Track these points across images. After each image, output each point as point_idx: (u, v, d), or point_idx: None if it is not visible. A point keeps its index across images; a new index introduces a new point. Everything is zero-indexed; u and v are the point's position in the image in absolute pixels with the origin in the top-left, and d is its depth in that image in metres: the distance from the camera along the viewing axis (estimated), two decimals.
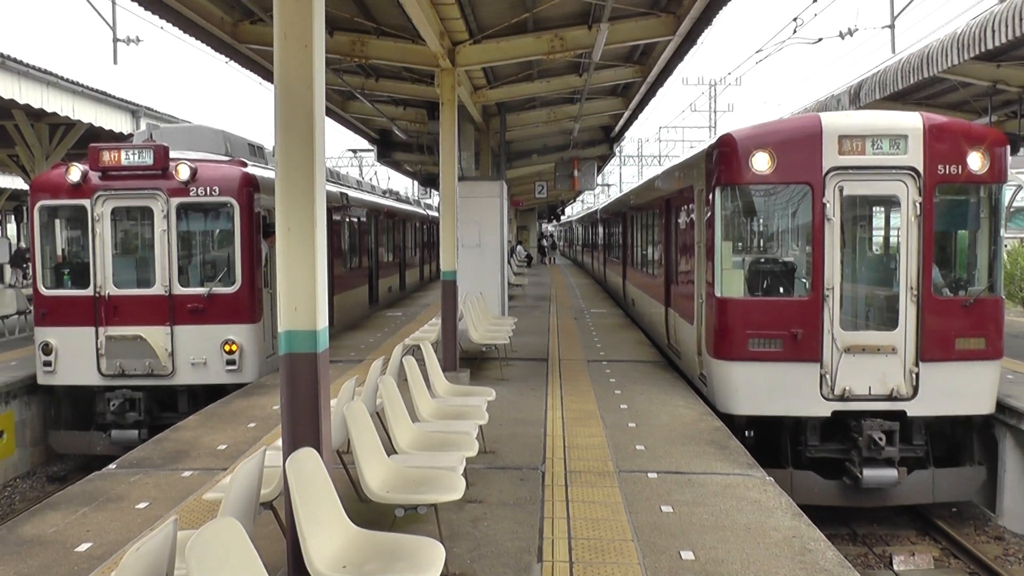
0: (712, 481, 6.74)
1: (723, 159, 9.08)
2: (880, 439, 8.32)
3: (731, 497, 6.35)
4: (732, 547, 5.39)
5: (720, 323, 9.07)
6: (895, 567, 8.22)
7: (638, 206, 17.43)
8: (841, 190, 8.67)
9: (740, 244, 9.53)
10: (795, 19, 15.27)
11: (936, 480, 8.74)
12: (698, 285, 10.06)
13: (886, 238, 10.34)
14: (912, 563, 8.25)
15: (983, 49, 10.27)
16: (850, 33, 17.40)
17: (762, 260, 9.56)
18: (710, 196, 9.32)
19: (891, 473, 8.48)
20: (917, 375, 8.60)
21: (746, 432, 8.87)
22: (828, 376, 8.65)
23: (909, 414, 8.63)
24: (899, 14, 15.97)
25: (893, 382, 8.63)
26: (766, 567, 5.09)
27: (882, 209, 10.10)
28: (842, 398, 8.64)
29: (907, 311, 8.65)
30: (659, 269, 13.82)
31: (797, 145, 8.73)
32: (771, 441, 9.02)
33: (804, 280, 9.03)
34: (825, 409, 8.68)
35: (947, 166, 8.61)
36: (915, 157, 8.60)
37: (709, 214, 9.34)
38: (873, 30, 17.25)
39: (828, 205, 8.65)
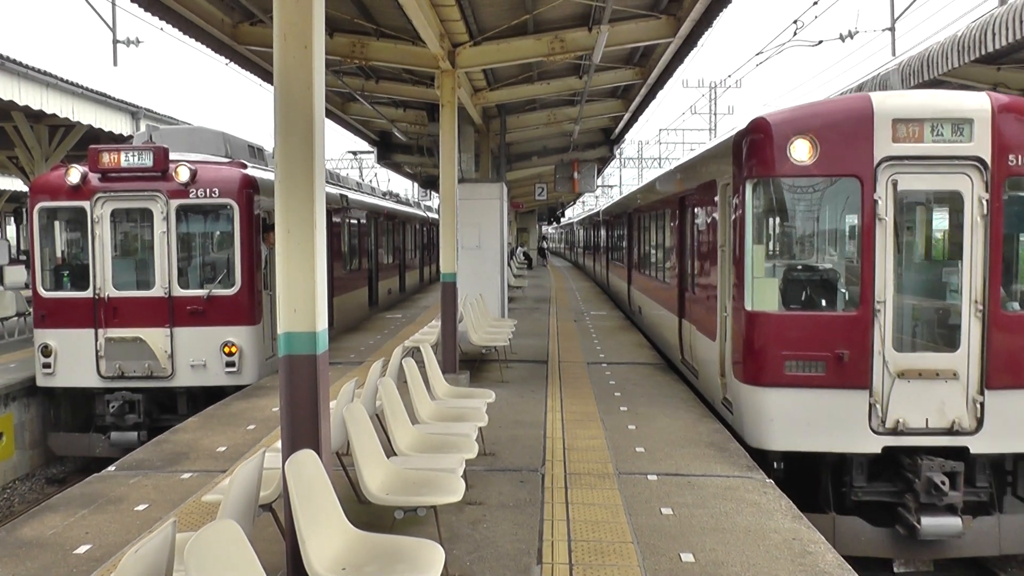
0: (712, 483, 6.73)
1: (755, 147, 7.79)
2: (942, 483, 7.04)
3: (731, 499, 6.34)
4: (732, 549, 5.38)
5: (751, 342, 7.83)
6: (895, 568, 8.20)
7: (647, 206, 15.90)
8: (895, 184, 7.41)
9: (775, 248, 8.28)
10: (795, 21, 15.29)
11: (1003, 528, 7.42)
12: (722, 295, 8.83)
13: (948, 241, 8.65)
14: (912, 565, 8.23)
15: (983, 52, 10.26)
16: (851, 36, 17.42)
17: (801, 267, 8.29)
18: (738, 191, 8.04)
19: (955, 522, 7.16)
20: (982, 405, 7.32)
21: (775, 464, 7.67)
22: (878, 406, 7.40)
23: (972, 451, 7.35)
24: (899, 16, 15.99)
25: (954, 413, 7.34)
26: (766, 569, 5.08)
27: (943, 207, 8.45)
28: (894, 432, 7.38)
29: (971, 329, 7.38)
30: (671, 275, 12.45)
31: (844, 130, 7.47)
32: (810, 480, 7.74)
33: (850, 291, 7.82)
34: (874, 444, 7.40)
35: (1020, 156, 7.37)
36: (982, 146, 7.33)
37: (737, 213, 8.06)
38: (874, 33, 17.25)
39: (879, 202, 7.40)
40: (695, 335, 10.45)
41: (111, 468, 7.44)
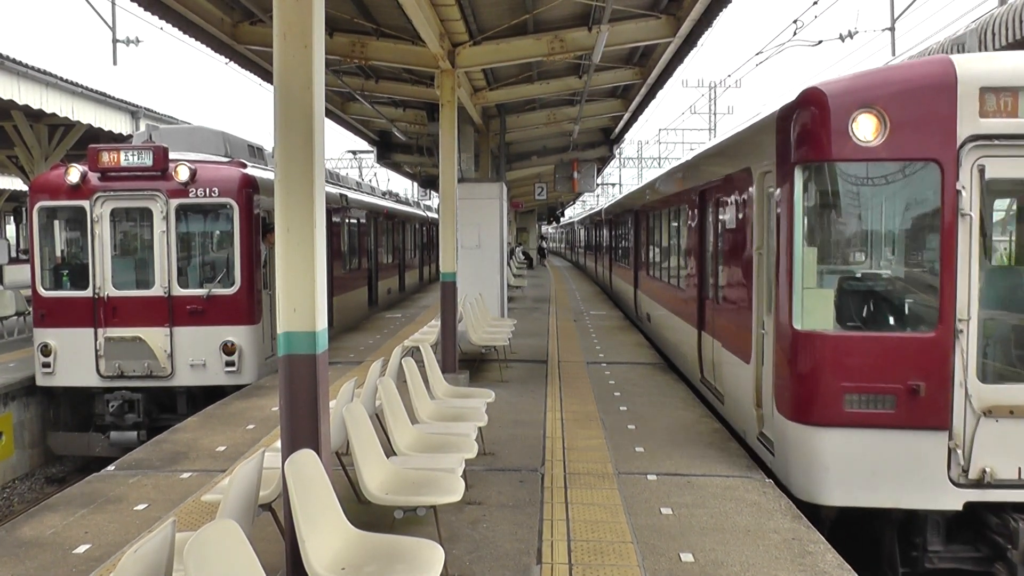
0: (712, 483, 6.73)
1: (808, 125, 6.37)
2: None
3: (731, 499, 6.34)
4: (732, 549, 5.38)
5: (801, 370, 6.40)
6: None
7: (658, 201, 14.21)
8: (981, 171, 6.03)
9: (830, 251, 6.65)
10: (795, 21, 15.31)
11: None
12: (758, 309, 7.49)
13: None
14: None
15: (984, 52, 10.24)
16: (850, 35, 17.44)
17: (862, 276, 6.70)
18: (785, 181, 6.61)
19: None
20: None
21: (827, 521, 6.36)
22: (959, 451, 6.01)
23: None
24: (899, 16, 16.00)
25: None
26: (766, 569, 5.08)
27: None
28: (979, 484, 5.99)
29: None
30: (688, 281, 10.97)
31: (918, 102, 6.10)
32: (871, 539, 6.53)
33: (925, 307, 6.38)
34: (954, 499, 6.04)
35: None
36: None
37: (784, 207, 6.62)
38: (873, 32, 17.25)
39: (963, 193, 6.02)
40: (720, 353, 8.99)
41: (110, 468, 7.43)
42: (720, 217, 9.13)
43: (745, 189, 7.96)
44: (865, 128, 6.16)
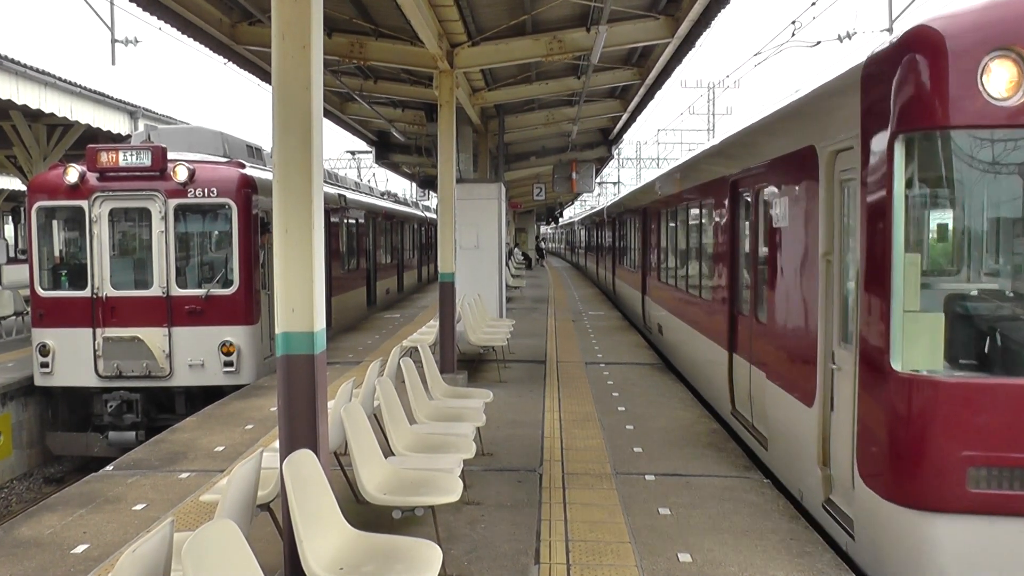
0: (710, 483, 6.74)
1: (914, 78, 4.56)
2: None
3: (729, 499, 6.35)
4: (730, 549, 5.38)
5: (902, 430, 4.63)
6: None
7: (675, 196, 12.35)
8: None
9: (944, 260, 4.91)
10: (793, 22, 15.32)
11: None
12: (825, 335, 5.76)
13: None
14: None
15: None
16: (848, 36, 17.45)
17: (990, 295, 4.89)
18: (874, 160, 4.84)
19: None
20: None
21: None
22: None
23: None
24: (898, 17, 16.01)
25: None
26: (764, 569, 5.09)
27: None
28: None
29: None
30: (715, 291, 9.29)
31: None
32: None
33: None
34: None
35: None
36: None
37: (873, 197, 4.84)
38: (872, 33, 17.27)
39: None
40: (764, 387, 7.22)
41: (109, 468, 7.43)
42: (763, 213, 7.37)
43: (804, 175, 6.19)
44: (999, 80, 4.40)
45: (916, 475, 4.57)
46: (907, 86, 4.61)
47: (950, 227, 4.81)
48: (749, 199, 7.95)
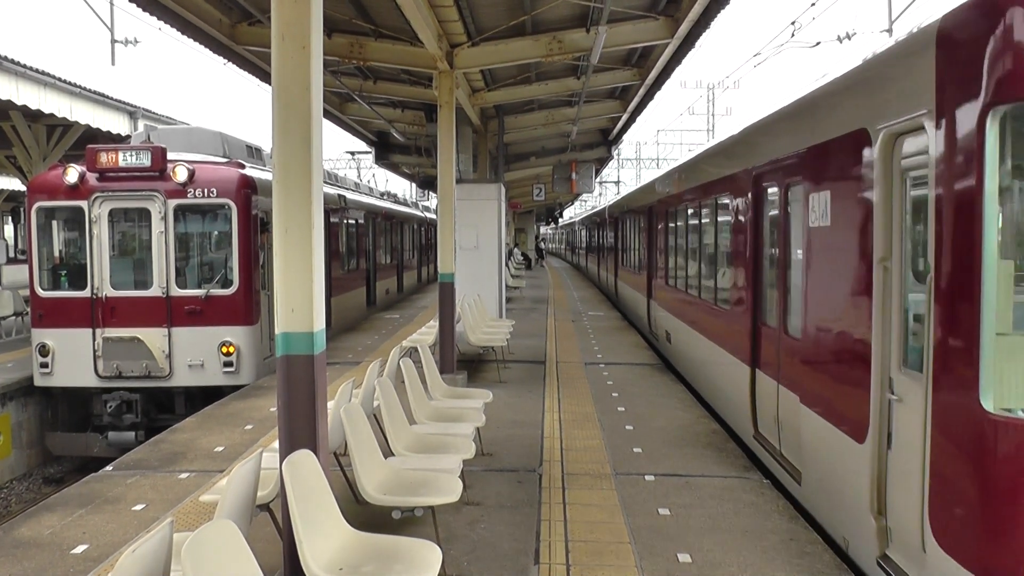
0: (709, 484, 6.74)
1: (1009, 38, 3.64)
2: None
3: (728, 500, 6.35)
4: (729, 550, 5.38)
5: (998, 485, 3.67)
6: None
7: (686, 193, 11.36)
8: None
9: None
10: (793, 23, 15.33)
11: None
12: (882, 357, 4.79)
13: None
14: None
15: None
16: (848, 37, 17.46)
17: None
18: (954, 141, 3.90)
19: None
20: None
21: None
22: None
23: None
24: (898, 18, 16.02)
25: None
26: (763, 570, 5.09)
27: None
28: None
29: None
30: (733, 299, 8.44)
31: None
32: None
33: None
34: None
35: None
36: None
37: (954, 189, 3.88)
38: (872, 34, 17.28)
39: None
40: (798, 413, 6.25)
41: (108, 468, 7.43)
42: (797, 210, 6.47)
43: (852, 164, 5.22)
44: None
45: (1016, 543, 3.59)
46: (1007, 45, 3.64)
47: None
48: (776, 194, 7.02)
